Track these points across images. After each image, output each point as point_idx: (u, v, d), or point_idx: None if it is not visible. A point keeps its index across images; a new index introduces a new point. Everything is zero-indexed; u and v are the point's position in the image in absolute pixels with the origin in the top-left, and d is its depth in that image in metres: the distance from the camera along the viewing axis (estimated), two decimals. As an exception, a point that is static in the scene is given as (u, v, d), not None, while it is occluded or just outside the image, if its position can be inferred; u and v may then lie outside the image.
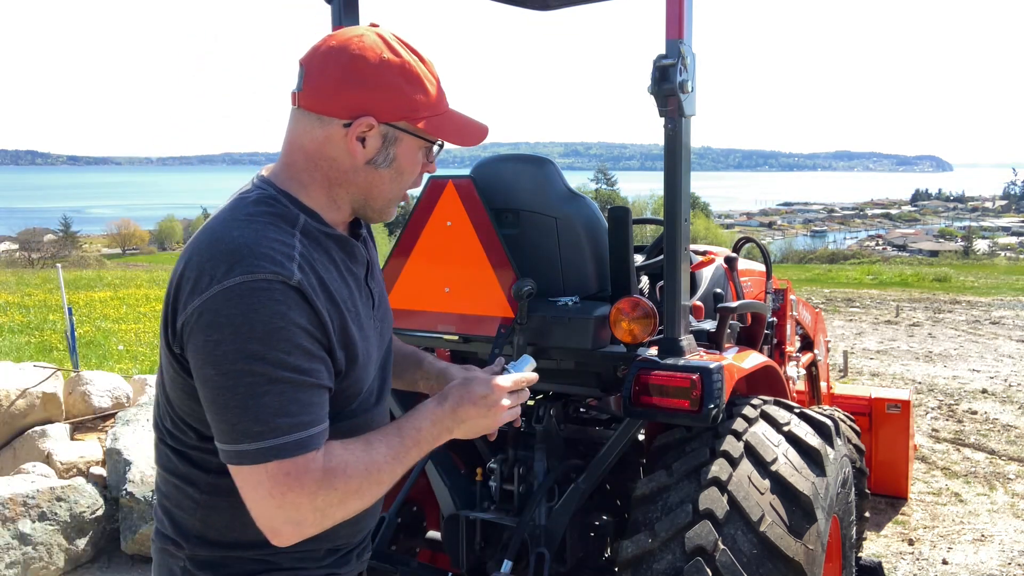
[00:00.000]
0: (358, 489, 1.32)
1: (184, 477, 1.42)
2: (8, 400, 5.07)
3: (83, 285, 16.06)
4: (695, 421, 2.22)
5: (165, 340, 1.35)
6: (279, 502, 1.26)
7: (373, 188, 1.45)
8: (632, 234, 2.50)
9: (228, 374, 1.23)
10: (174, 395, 1.38)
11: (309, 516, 1.28)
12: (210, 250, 1.29)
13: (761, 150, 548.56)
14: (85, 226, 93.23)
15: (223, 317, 1.23)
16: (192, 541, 1.42)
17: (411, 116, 1.41)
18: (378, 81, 1.38)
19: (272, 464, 1.24)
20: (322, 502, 1.28)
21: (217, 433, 1.28)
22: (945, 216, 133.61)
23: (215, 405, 1.26)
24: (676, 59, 2.09)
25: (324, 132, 1.39)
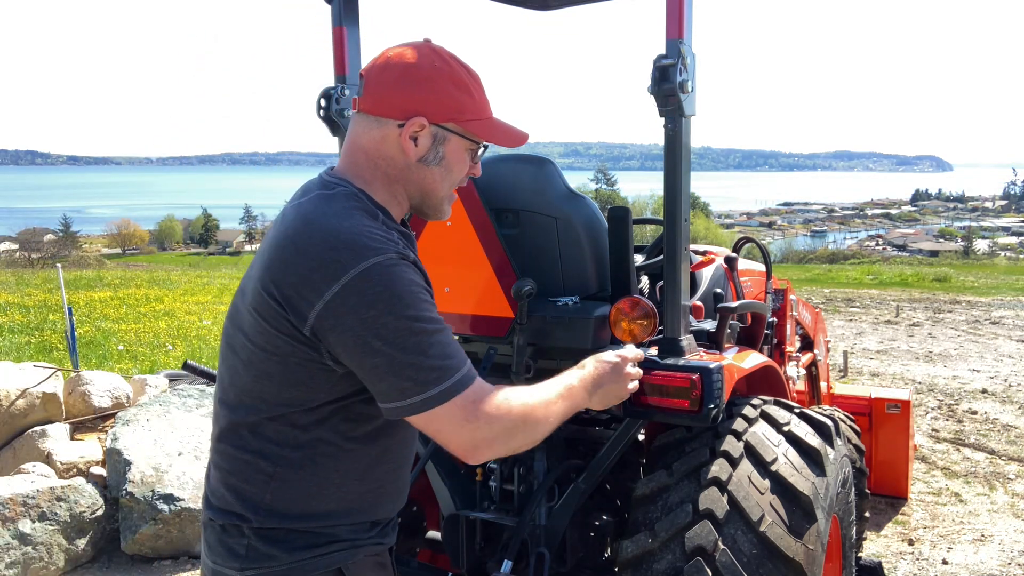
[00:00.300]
0: (523, 421, 1.54)
1: (258, 452, 1.53)
2: (8, 400, 5.07)
3: (83, 285, 16.06)
4: (695, 421, 2.22)
5: (277, 326, 1.46)
6: (474, 425, 1.46)
7: (426, 185, 1.62)
8: (632, 234, 2.49)
9: (394, 340, 1.41)
10: (272, 375, 1.49)
11: (497, 434, 1.50)
12: (326, 242, 1.43)
13: (761, 150, 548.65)
14: (85, 226, 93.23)
15: (370, 296, 1.40)
16: (261, 514, 1.53)
17: (458, 118, 1.59)
18: (429, 85, 1.56)
19: (458, 397, 1.45)
20: (501, 425, 1.49)
21: (393, 393, 1.44)
22: (945, 216, 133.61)
23: (389, 369, 1.42)
24: (676, 59, 2.09)
25: (381, 132, 1.57)
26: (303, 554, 1.54)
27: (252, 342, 1.50)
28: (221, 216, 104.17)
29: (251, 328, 1.50)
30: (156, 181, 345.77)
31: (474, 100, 1.61)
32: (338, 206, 1.50)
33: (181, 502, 4.44)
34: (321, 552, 1.55)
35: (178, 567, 4.41)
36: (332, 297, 1.40)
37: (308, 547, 1.55)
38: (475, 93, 1.61)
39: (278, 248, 1.49)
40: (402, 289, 1.43)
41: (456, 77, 1.58)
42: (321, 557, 1.55)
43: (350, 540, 1.58)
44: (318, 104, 2.71)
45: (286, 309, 1.44)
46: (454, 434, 1.47)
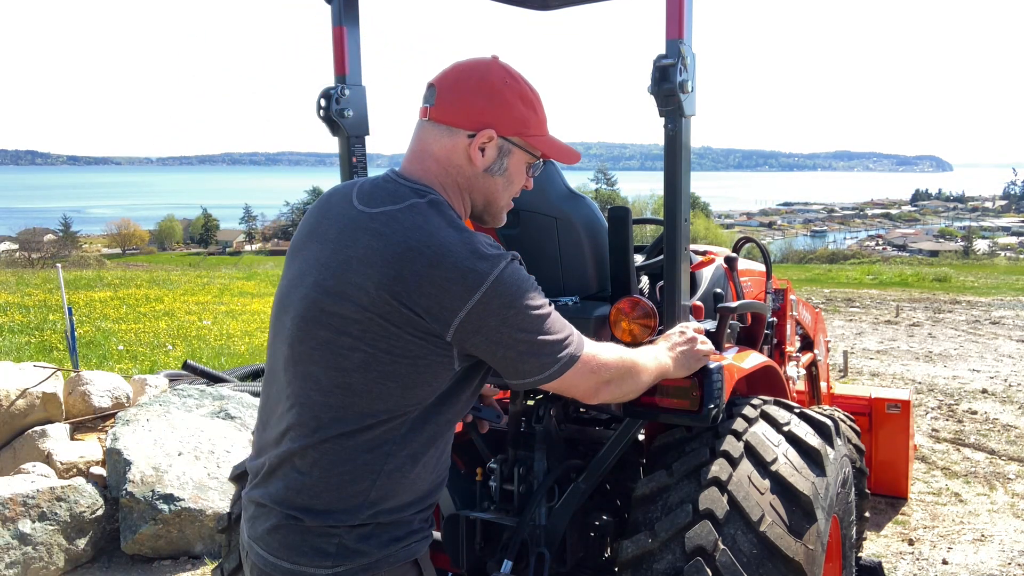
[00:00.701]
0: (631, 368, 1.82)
1: (371, 451, 1.59)
2: (8, 400, 5.07)
3: (83, 285, 16.06)
4: (695, 421, 2.21)
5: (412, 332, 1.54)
6: (596, 374, 1.72)
7: (490, 194, 1.74)
8: (632, 234, 2.49)
9: (530, 327, 1.60)
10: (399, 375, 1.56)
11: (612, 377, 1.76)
12: (455, 253, 1.54)
13: (761, 150, 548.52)
14: (85, 226, 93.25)
15: (508, 297, 1.56)
16: (362, 512, 1.60)
17: (524, 132, 1.72)
18: (500, 99, 1.68)
19: (584, 355, 1.68)
20: (616, 370, 1.77)
21: (535, 370, 1.63)
22: (945, 216, 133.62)
23: (530, 352, 1.61)
24: (676, 59, 2.08)
25: (452, 141, 1.67)
26: (390, 548, 1.62)
27: (372, 346, 1.55)
28: (221, 216, 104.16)
29: (372, 333, 1.55)
30: (156, 181, 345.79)
31: (538, 117, 1.74)
32: (445, 216, 1.61)
33: (181, 502, 4.44)
34: (404, 543, 1.64)
35: (178, 567, 4.41)
36: (475, 304, 1.53)
37: (394, 540, 1.63)
38: (539, 110, 1.75)
39: (401, 258, 1.53)
40: (527, 286, 1.61)
41: (524, 93, 1.71)
42: (403, 548, 1.64)
43: (420, 531, 1.69)
44: (318, 104, 2.70)
45: (425, 318, 1.53)
46: (582, 384, 1.71)
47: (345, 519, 1.59)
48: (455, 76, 1.69)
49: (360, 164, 2.77)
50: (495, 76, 1.68)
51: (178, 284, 17.29)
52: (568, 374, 1.66)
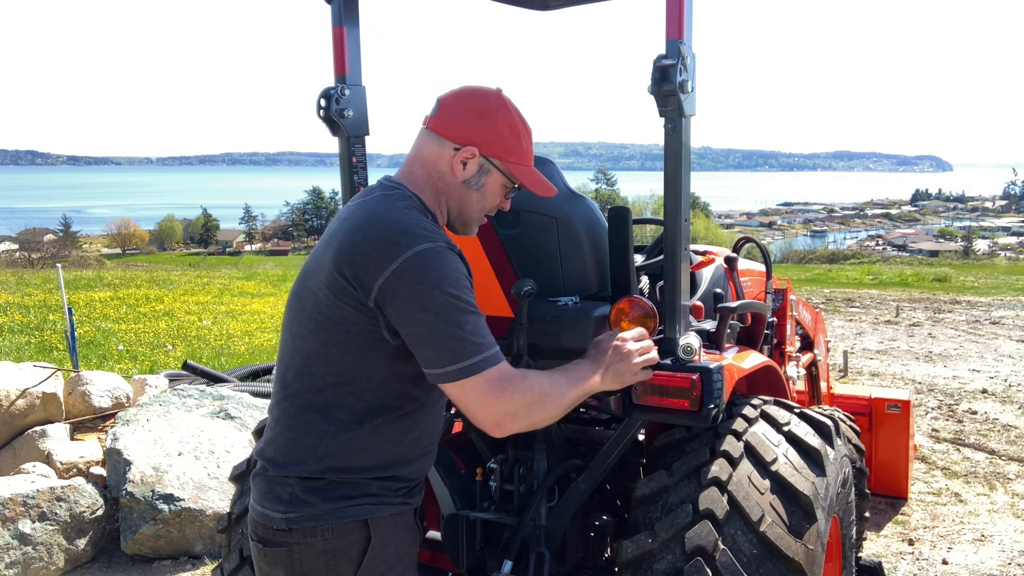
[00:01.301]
0: (541, 399, 1.79)
1: (318, 411, 1.79)
2: (8, 400, 5.07)
3: (83, 285, 16.06)
4: (695, 421, 2.21)
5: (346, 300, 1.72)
6: (499, 400, 1.71)
7: (464, 204, 1.92)
8: (632, 234, 2.49)
9: (436, 311, 1.68)
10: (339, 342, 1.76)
11: (520, 410, 1.75)
12: (388, 229, 1.72)
13: (761, 150, 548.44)
14: (85, 226, 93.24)
15: (423, 272, 1.68)
16: (309, 466, 1.79)
17: (505, 157, 1.91)
18: (490, 123, 1.88)
19: (487, 372, 1.70)
20: (523, 401, 1.75)
21: (434, 360, 1.70)
22: (945, 216, 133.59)
23: (432, 337, 1.69)
24: (676, 59, 2.08)
25: (440, 150, 1.88)
26: (337, 503, 1.78)
27: (321, 315, 1.76)
28: (221, 216, 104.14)
29: (323, 305, 1.76)
30: (156, 181, 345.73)
31: (521, 148, 1.93)
32: (398, 203, 1.80)
33: (181, 502, 4.44)
34: (352, 503, 1.79)
35: (178, 567, 4.41)
36: (391, 273, 1.67)
37: (343, 497, 1.79)
38: (524, 142, 1.93)
39: (347, 235, 1.76)
40: (448, 270, 1.70)
41: (513, 124, 1.91)
42: (352, 507, 1.79)
43: (379, 496, 1.82)
44: (318, 104, 2.70)
45: (354, 285, 1.71)
46: (482, 407, 1.72)
47: (296, 471, 1.80)
48: (458, 95, 1.91)
49: (360, 164, 2.77)
50: (491, 103, 1.89)
51: (178, 284, 17.29)
52: (467, 385, 1.70)
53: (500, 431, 1.76)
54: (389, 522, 1.83)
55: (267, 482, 1.85)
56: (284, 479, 1.81)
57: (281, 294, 16.03)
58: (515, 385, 1.74)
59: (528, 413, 1.77)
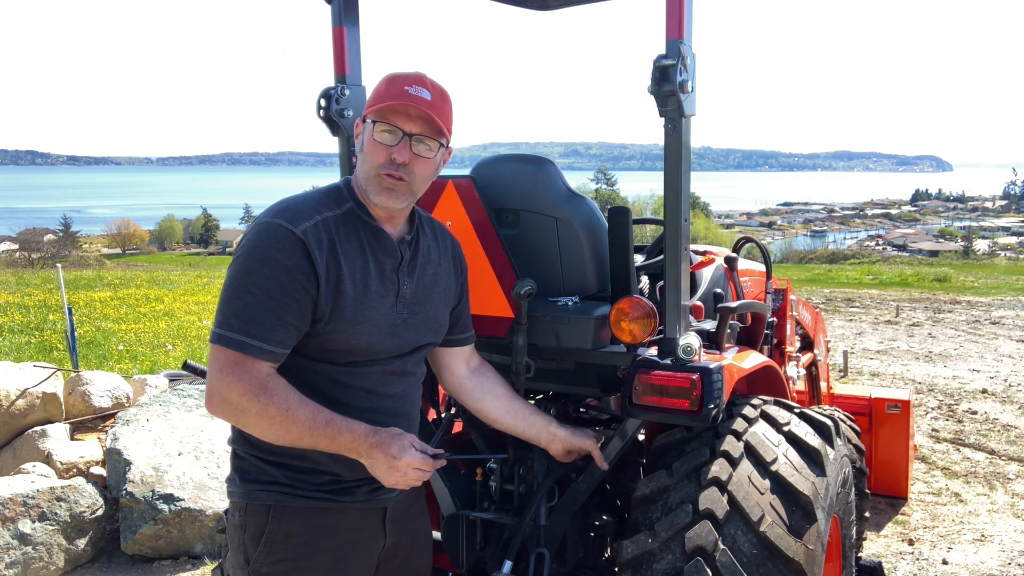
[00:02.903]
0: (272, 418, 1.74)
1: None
2: (8, 400, 5.07)
3: (83, 285, 16.06)
4: (695, 421, 2.21)
5: None
6: (219, 378, 1.74)
7: (358, 171, 1.92)
8: (632, 234, 2.49)
9: (230, 276, 1.77)
10: None
11: (233, 403, 1.74)
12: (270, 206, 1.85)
13: (761, 150, 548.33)
14: (85, 226, 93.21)
15: (241, 243, 1.79)
16: (234, 440, 1.91)
17: (368, 109, 1.88)
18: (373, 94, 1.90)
19: (229, 350, 1.73)
20: (246, 402, 1.73)
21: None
22: (945, 216, 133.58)
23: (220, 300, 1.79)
24: (676, 59, 2.08)
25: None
26: (251, 485, 1.88)
27: None
28: (221, 216, 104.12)
29: None
30: (156, 181, 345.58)
31: (380, 93, 1.87)
32: (318, 190, 1.94)
33: (181, 502, 4.43)
34: (262, 487, 1.87)
35: (178, 567, 4.41)
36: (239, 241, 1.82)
37: (251, 481, 1.88)
38: (387, 87, 1.86)
39: None
40: (260, 243, 1.77)
41: (384, 81, 1.89)
42: (261, 491, 1.87)
43: (290, 486, 1.87)
44: (318, 104, 2.71)
45: None
46: (209, 375, 1.77)
47: (231, 446, 1.94)
48: None
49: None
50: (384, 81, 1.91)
51: (178, 284, 17.29)
52: (212, 351, 1.78)
53: (208, 405, 1.81)
54: (301, 513, 1.87)
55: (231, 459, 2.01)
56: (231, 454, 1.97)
57: (281, 294, 16.02)
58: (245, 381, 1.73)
59: (239, 413, 1.76)
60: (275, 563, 1.87)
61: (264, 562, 1.87)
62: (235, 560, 1.93)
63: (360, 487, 1.92)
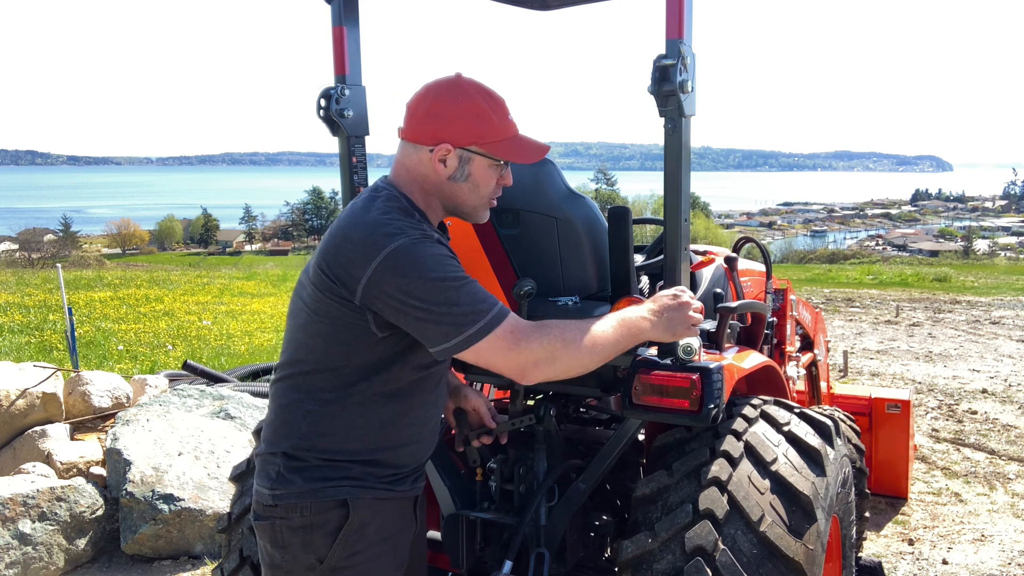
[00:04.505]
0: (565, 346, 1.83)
1: (304, 393, 1.90)
2: (8, 400, 5.07)
3: (83, 285, 16.06)
4: (695, 421, 2.21)
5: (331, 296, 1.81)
6: (516, 351, 1.79)
7: (456, 198, 1.97)
8: (632, 234, 2.49)
9: (426, 296, 1.75)
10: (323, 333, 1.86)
11: (542, 358, 1.81)
12: (362, 230, 1.80)
13: (761, 150, 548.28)
14: (85, 226, 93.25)
15: (401, 268, 1.75)
16: (293, 444, 1.89)
17: (480, 141, 1.91)
18: (452, 116, 1.90)
19: (497, 330, 1.78)
20: (543, 350, 1.81)
21: (439, 338, 1.77)
22: (945, 216, 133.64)
23: (430, 320, 1.76)
24: (676, 59, 2.08)
25: (417, 156, 1.93)
26: (317, 483, 1.87)
27: (309, 307, 1.87)
28: (221, 216, 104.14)
29: (310, 297, 1.86)
30: (156, 181, 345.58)
31: (493, 125, 1.92)
32: (380, 204, 1.86)
33: (181, 502, 4.43)
34: (332, 484, 1.87)
35: (178, 567, 4.41)
36: (373, 272, 1.75)
37: (323, 479, 1.87)
38: (495, 118, 1.92)
39: (332, 236, 1.86)
40: (425, 258, 1.77)
41: (476, 106, 1.90)
42: (331, 487, 1.87)
43: (360, 479, 1.89)
44: (318, 104, 2.70)
45: (339, 283, 1.79)
46: (501, 361, 1.80)
47: (282, 448, 1.90)
48: (418, 97, 1.94)
49: (360, 164, 2.77)
50: (447, 96, 1.91)
51: (178, 284, 17.29)
52: (479, 347, 1.77)
53: (526, 379, 1.83)
54: (370, 504, 1.90)
55: (261, 460, 1.96)
56: (272, 456, 1.92)
57: (281, 294, 16.04)
58: (530, 336, 1.80)
59: (552, 360, 1.81)
60: (351, 556, 1.90)
61: (340, 556, 1.89)
62: (299, 562, 1.90)
63: (408, 477, 2.00)
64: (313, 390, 1.89)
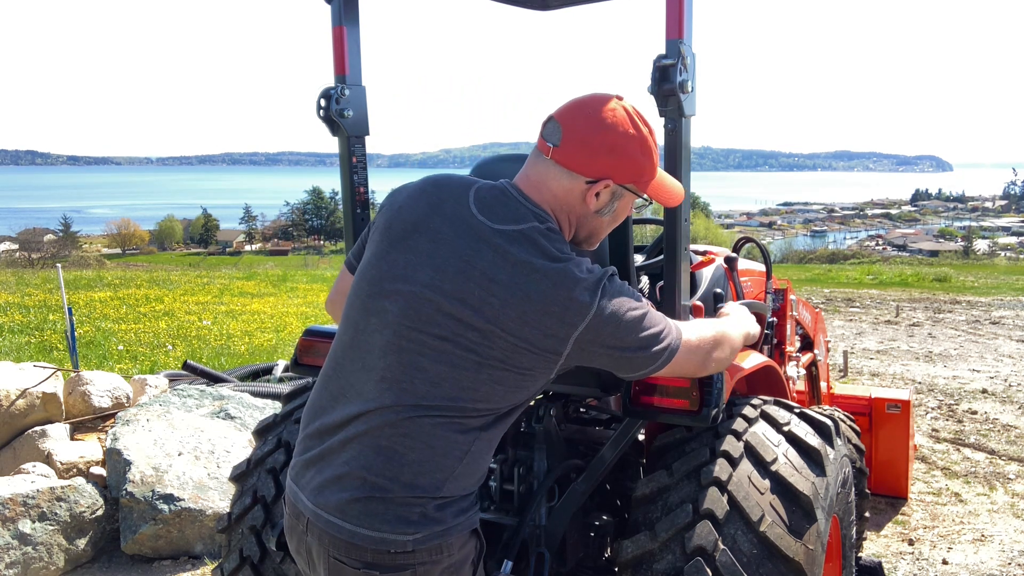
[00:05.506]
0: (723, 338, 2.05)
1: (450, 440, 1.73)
2: (8, 400, 5.07)
3: (83, 285, 16.06)
4: (695, 421, 2.21)
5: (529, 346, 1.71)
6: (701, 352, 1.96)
7: (596, 229, 1.92)
8: (632, 234, 2.49)
9: (634, 331, 1.77)
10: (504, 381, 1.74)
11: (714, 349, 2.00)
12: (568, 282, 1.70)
13: (761, 150, 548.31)
14: (85, 226, 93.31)
15: (612, 314, 1.73)
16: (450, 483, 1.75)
17: (638, 180, 1.85)
18: (622, 152, 1.79)
19: (684, 340, 1.89)
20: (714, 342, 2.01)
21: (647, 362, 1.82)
22: (945, 216, 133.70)
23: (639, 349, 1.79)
24: (676, 59, 2.08)
25: (571, 184, 1.81)
26: (459, 517, 1.78)
27: (488, 355, 1.71)
28: (221, 216, 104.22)
29: (488, 342, 1.70)
30: (156, 181, 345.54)
31: (652, 164, 1.86)
32: (561, 245, 1.76)
33: (181, 502, 4.44)
34: (468, 514, 1.81)
35: (178, 567, 4.41)
36: (587, 326, 1.70)
37: (462, 511, 1.79)
38: (654, 156, 1.86)
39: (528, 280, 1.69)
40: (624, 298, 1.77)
41: (644, 143, 1.82)
42: (467, 518, 1.81)
43: (476, 503, 1.85)
44: (318, 104, 2.70)
45: (545, 337, 1.70)
46: (689, 365, 1.94)
47: (431, 491, 1.72)
48: (583, 122, 1.79)
49: (360, 164, 2.77)
50: (620, 127, 1.78)
51: (178, 284, 17.29)
52: (676, 359, 1.86)
53: (705, 372, 2.04)
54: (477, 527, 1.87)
55: (384, 504, 1.72)
56: (414, 500, 1.72)
57: (281, 294, 16.04)
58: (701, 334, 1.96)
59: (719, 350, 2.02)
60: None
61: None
62: None
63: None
64: (470, 432, 1.76)
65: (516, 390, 1.77)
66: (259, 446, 2.91)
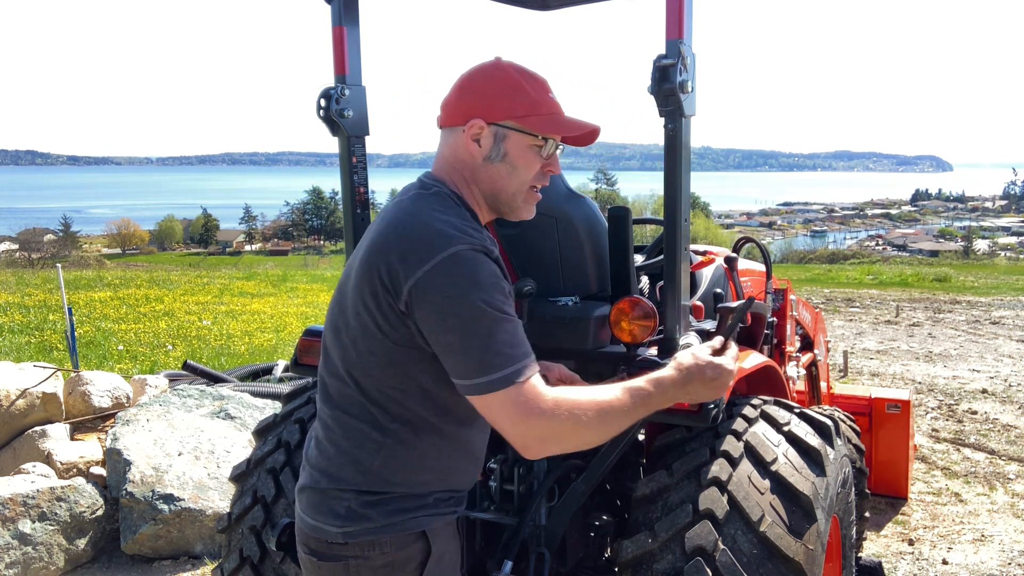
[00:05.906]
0: (576, 428, 1.57)
1: (371, 423, 1.71)
2: (8, 400, 5.07)
3: (83, 285, 16.06)
4: (695, 421, 2.22)
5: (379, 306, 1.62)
6: (526, 422, 1.55)
7: (495, 182, 1.77)
8: (632, 234, 2.49)
9: (465, 317, 1.55)
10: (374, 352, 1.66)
11: (550, 436, 1.57)
12: (422, 229, 1.62)
13: (761, 150, 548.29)
14: (85, 226, 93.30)
15: (455, 276, 1.56)
16: (368, 479, 1.71)
17: (512, 115, 1.72)
18: (483, 91, 1.74)
19: (513, 388, 1.54)
20: (552, 427, 1.56)
21: (461, 371, 1.57)
22: (945, 216, 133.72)
23: (459, 347, 1.56)
24: (676, 59, 2.09)
25: (454, 139, 1.76)
26: (395, 516, 1.71)
27: (359, 321, 1.67)
28: (221, 216, 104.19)
29: (355, 308, 1.67)
30: (156, 181, 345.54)
31: (529, 98, 1.74)
32: (434, 202, 1.70)
33: (181, 502, 4.44)
34: (410, 516, 1.72)
35: (178, 567, 4.41)
36: (422, 275, 1.56)
37: (400, 511, 1.72)
38: (532, 92, 1.74)
39: (382, 235, 1.66)
40: (482, 276, 1.58)
41: (510, 80, 1.74)
42: (410, 520, 1.72)
43: (434, 508, 1.76)
44: (318, 104, 2.70)
45: (387, 286, 1.60)
46: (508, 427, 1.57)
47: (353, 485, 1.72)
48: (453, 85, 1.79)
49: (360, 164, 2.77)
50: (478, 73, 1.76)
51: (178, 284, 17.29)
52: (492, 400, 1.55)
53: (528, 454, 1.60)
54: (443, 531, 1.78)
55: (320, 495, 1.76)
56: (340, 493, 1.73)
57: (281, 294, 16.04)
58: (544, 410, 1.54)
59: (559, 440, 1.58)
60: None
61: None
62: None
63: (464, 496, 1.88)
64: (378, 419, 1.70)
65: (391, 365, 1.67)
66: (259, 446, 2.91)
